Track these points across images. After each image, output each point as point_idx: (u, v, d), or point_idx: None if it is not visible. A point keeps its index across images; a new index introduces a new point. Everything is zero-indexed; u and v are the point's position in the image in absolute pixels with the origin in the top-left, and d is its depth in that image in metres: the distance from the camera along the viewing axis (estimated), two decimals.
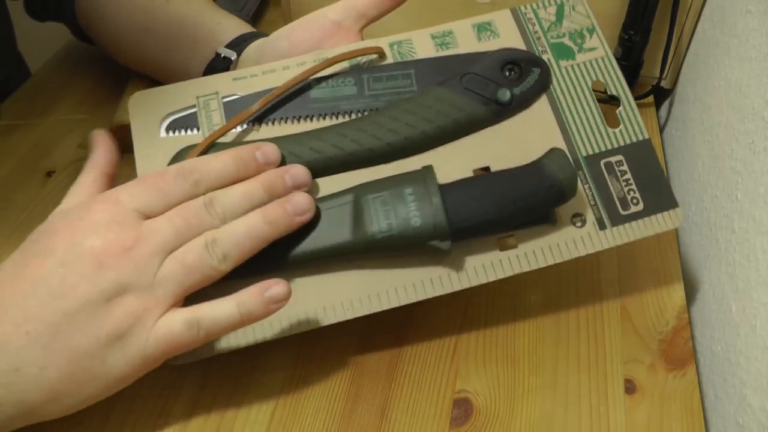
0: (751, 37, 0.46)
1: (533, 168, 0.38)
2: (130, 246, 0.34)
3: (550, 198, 0.38)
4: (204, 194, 0.37)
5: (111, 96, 0.60)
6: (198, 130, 0.42)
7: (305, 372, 0.40)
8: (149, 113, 0.42)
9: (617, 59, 0.59)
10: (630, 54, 0.58)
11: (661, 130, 0.62)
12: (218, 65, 0.50)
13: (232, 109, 0.42)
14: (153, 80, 0.56)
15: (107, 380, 0.34)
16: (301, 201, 0.37)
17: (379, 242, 0.37)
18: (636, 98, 0.60)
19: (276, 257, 0.37)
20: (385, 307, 0.38)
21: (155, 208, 0.36)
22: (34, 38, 0.77)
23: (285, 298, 0.35)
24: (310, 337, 0.40)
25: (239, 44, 0.50)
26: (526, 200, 0.37)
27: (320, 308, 0.38)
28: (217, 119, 0.42)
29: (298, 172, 0.38)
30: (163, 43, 0.52)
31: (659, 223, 0.41)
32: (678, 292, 0.46)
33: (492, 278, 0.39)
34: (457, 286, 0.39)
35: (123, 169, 0.53)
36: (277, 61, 0.44)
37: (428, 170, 0.38)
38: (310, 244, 0.38)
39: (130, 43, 0.54)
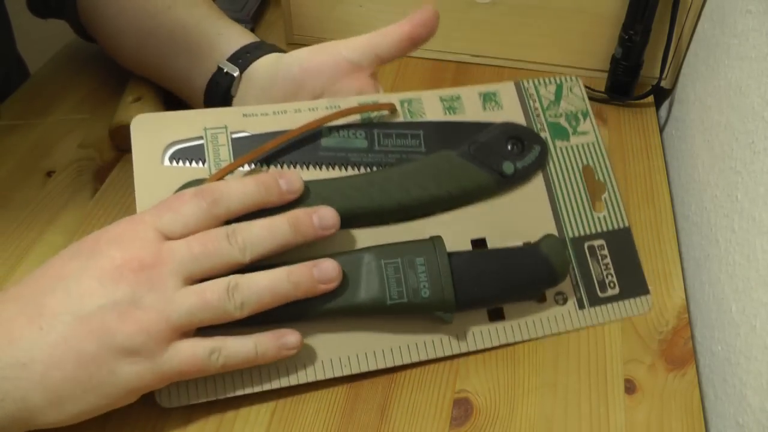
0: (751, 37, 0.46)
1: (532, 251, 0.41)
2: (149, 263, 0.34)
3: (545, 280, 0.41)
4: (224, 215, 0.37)
5: (112, 96, 0.60)
6: (204, 163, 0.41)
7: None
8: (152, 139, 0.41)
9: (617, 59, 0.59)
10: (630, 54, 0.58)
11: (661, 130, 0.62)
12: (221, 80, 0.49)
13: (240, 146, 0.42)
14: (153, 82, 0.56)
15: (113, 391, 0.34)
16: (328, 269, 0.37)
17: (389, 308, 0.38)
18: (636, 98, 0.60)
19: (284, 309, 0.38)
20: (381, 366, 0.39)
21: (174, 228, 0.36)
22: (34, 38, 0.76)
23: (296, 347, 0.37)
24: None
25: (241, 56, 0.49)
26: (523, 281, 0.41)
27: (318, 362, 0.39)
28: (225, 155, 0.41)
29: (326, 214, 0.38)
30: (164, 49, 0.52)
31: (632, 307, 0.43)
32: (678, 292, 0.46)
33: (481, 347, 0.40)
34: (448, 351, 0.40)
35: (124, 168, 0.53)
36: (288, 86, 0.45)
37: (439, 241, 0.40)
38: (320, 301, 0.38)
39: (131, 46, 0.54)
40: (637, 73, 0.59)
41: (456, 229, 0.41)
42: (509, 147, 0.45)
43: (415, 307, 0.38)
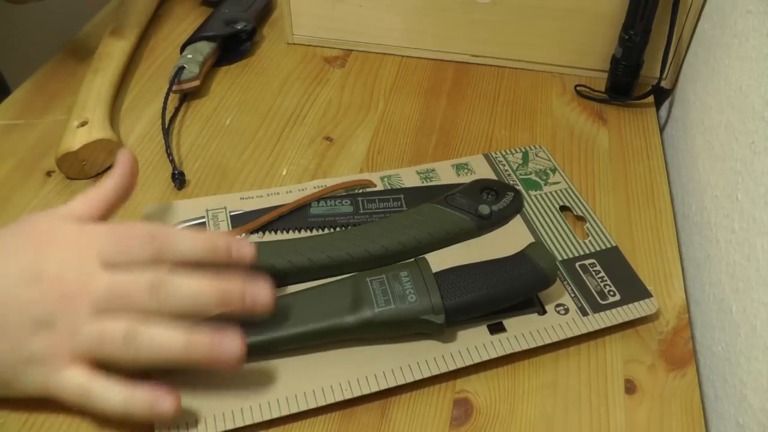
0: (751, 37, 0.46)
1: (517, 256, 0.42)
2: (72, 292, 0.36)
3: (534, 282, 0.41)
4: (168, 262, 0.37)
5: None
6: None
7: None
8: (160, 221, 0.47)
9: (617, 59, 0.59)
10: (630, 54, 0.58)
11: (661, 130, 0.62)
12: None
13: (238, 220, 0.47)
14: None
15: (17, 392, 0.37)
16: (229, 347, 0.35)
17: (378, 317, 0.39)
18: (636, 98, 0.60)
19: (275, 335, 0.39)
20: (383, 387, 0.39)
21: (116, 261, 0.37)
22: (35, 38, 0.77)
23: (170, 409, 0.35)
24: None
25: None
26: (512, 283, 0.41)
27: (309, 391, 0.38)
28: (224, 228, 0.47)
29: (260, 294, 0.37)
30: None
31: (638, 309, 0.43)
32: (678, 293, 0.46)
33: (485, 358, 0.40)
34: (452, 367, 0.40)
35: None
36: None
37: (422, 260, 0.41)
38: (311, 323, 0.39)
39: None
40: (637, 73, 0.59)
41: (441, 266, 0.42)
42: (483, 195, 0.48)
43: (404, 313, 0.39)
